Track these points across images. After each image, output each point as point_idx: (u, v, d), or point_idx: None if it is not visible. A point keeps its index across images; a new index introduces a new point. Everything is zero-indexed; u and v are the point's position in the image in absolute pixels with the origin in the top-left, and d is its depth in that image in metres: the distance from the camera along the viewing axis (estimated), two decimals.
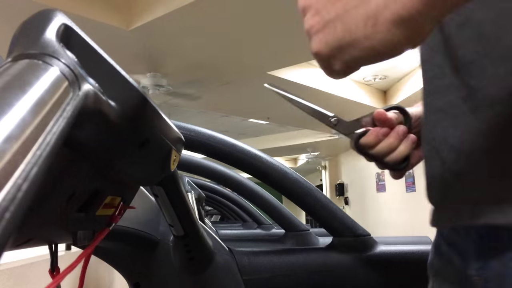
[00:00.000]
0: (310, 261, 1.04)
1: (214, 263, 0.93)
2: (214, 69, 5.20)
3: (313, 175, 13.25)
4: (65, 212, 0.37)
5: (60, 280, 0.34)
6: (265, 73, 5.42)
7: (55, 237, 0.42)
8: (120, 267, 0.99)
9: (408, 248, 1.04)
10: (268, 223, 2.97)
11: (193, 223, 0.77)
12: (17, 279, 1.08)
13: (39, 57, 0.25)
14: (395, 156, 0.65)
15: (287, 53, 4.92)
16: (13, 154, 0.18)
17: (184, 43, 4.55)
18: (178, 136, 0.45)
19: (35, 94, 0.22)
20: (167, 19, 3.94)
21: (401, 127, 0.66)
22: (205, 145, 1.01)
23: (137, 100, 0.33)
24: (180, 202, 0.67)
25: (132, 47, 4.55)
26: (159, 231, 0.94)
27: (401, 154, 0.65)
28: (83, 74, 0.27)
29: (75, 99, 0.25)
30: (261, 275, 1.01)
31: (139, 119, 0.34)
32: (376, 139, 0.65)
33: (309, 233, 2.00)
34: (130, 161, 0.39)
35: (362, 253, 1.03)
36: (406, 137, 0.66)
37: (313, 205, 1.06)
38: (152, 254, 0.93)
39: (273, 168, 1.05)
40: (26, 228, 0.33)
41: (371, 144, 0.66)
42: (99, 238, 0.44)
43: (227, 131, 8.64)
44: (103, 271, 1.78)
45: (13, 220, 0.17)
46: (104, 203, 0.43)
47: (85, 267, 0.49)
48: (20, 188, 0.18)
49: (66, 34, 0.28)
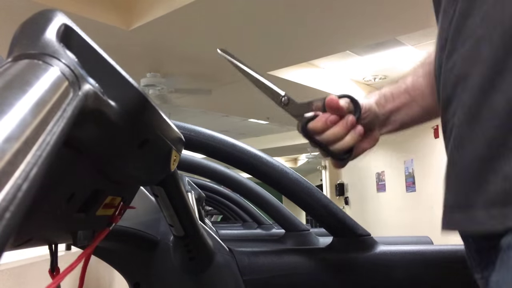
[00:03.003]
0: (310, 261, 1.04)
1: (214, 263, 0.94)
2: (214, 69, 5.20)
3: (313, 175, 13.24)
4: (65, 212, 0.37)
5: (60, 280, 0.34)
6: (265, 73, 5.42)
7: (55, 237, 0.42)
8: (120, 267, 0.99)
9: (408, 248, 1.04)
10: (268, 223, 2.97)
11: (193, 223, 0.77)
12: (17, 279, 1.08)
13: (39, 57, 0.25)
14: (340, 146, 0.65)
15: (287, 53, 4.92)
16: (13, 154, 0.18)
17: (184, 43, 4.55)
18: (178, 136, 0.45)
19: (35, 94, 0.22)
20: (167, 19, 3.94)
21: (350, 117, 0.65)
22: (205, 145, 1.00)
23: (137, 100, 0.33)
24: (180, 202, 0.67)
25: (132, 47, 4.55)
26: (159, 231, 0.94)
27: (346, 144, 0.65)
28: (83, 74, 0.27)
29: (75, 99, 0.25)
30: (261, 275, 1.01)
31: (139, 119, 0.34)
32: (324, 125, 0.65)
33: (309, 233, 1.99)
34: (130, 161, 0.39)
35: (362, 253, 1.03)
36: (354, 128, 0.65)
37: (313, 205, 1.06)
38: (152, 254, 0.93)
39: (273, 168, 1.05)
40: (26, 228, 0.33)
41: (318, 130, 0.65)
42: (99, 238, 0.44)
43: (227, 131, 8.64)
44: (103, 271, 1.78)
45: (13, 220, 0.17)
46: (104, 203, 0.43)
47: (85, 267, 0.49)
48: (20, 188, 0.18)
49: (66, 34, 0.28)
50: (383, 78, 6.74)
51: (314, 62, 5.95)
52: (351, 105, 0.67)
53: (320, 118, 0.65)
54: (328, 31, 4.35)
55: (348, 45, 5.06)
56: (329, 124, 0.64)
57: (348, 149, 0.66)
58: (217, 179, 1.98)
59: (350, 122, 0.64)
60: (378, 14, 4.02)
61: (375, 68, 6.32)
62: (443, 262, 0.98)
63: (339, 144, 0.65)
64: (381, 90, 0.74)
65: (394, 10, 3.92)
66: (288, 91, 0.73)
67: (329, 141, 0.65)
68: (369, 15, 4.03)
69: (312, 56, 5.34)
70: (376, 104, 0.71)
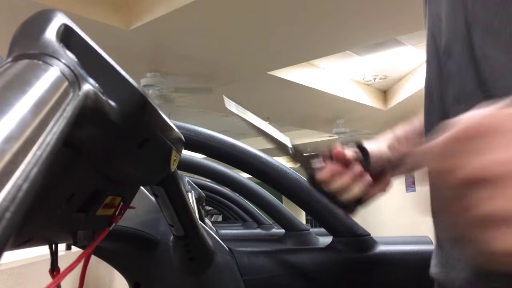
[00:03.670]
0: (310, 261, 1.04)
1: (214, 263, 0.93)
2: (214, 69, 5.20)
3: None
4: (65, 212, 0.37)
5: (60, 280, 0.34)
6: (265, 73, 5.42)
7: (55, 237, 0.42)
8: (120, 267, 0.99)
9: (408, 248, 1.04)
10: (268, 223, 2.97)
11: (193, 223, 0.77)
12: (17, 279, 1.08)
13: (39, 57, 0.25)
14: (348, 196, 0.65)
15: (287, 53, 4.92)
16: (13, 154, 0.18)
17: (184, 43, 4.55)
18: (178, 136, 0.45)
19: (35, 94, 0.22)
20: (167, 19, 3.94)
21: (357, 167, 0.65)
22: (205, 145, 1.00)
23: (137, 100, 0.33)
24: (180, 202, 0.67)
25: (132, 47, 4.55)
26: (159, 231, 0.94)
27: (354, 195, 0.65)
28: (83, 74, 0.27)
29: (75, 99, 0.25)
30: (261, 275, 1.01)
31: (139, 119, 0.34)
32: (331, 176, 0.64)
33: (309, 233, 2.00)
34: (130, 161, 0.39)
35: (362, 253, 1.03)
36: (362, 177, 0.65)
37: (313, 205, 1.06)
38: (152, 254, 0.93)
39: (273, 168, 1.05)
40: (26, 228, 0.33)
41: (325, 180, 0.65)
42: (99, 238, 0.44)
43: (227, 131, 8.62)
44: (103, 271, 1.78)
45: (13, 220, 0.17)
46: (104, 203, 0.43)
47: (85, 267, 0.49)
48: (20, 188, 0.18)
49: (66, 34, 0.28)
50: (383, 78, 6.74)
51: (314, 62, 5.95)
52: (360, 154, 0.67)
53: (327, 169, 0.64)
54: (328, 31, 4.35)
55: (348, 45, 5.06)
56: (335, 174, 0.64)
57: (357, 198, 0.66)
58: (217, 179, 1.98)
59: (358, 172, 0.64)
60: (378, 14, 4.02)
61: (375, 68, 6.32)
62: None
63: (346, 194, 0.65)
64: (395, 131, 0.72)
65: (394, 10, 3.92)
66: (288, 91, 0.73)
67: (337, 192, 0.65)
68: (369, 15, 4.03)
69: (312, 56, 5.34)
70: (389, 148, 0.70)
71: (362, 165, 0.66)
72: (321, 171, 0.65)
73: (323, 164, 0.66)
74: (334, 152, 0.65)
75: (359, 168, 0.65)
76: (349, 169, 0.64)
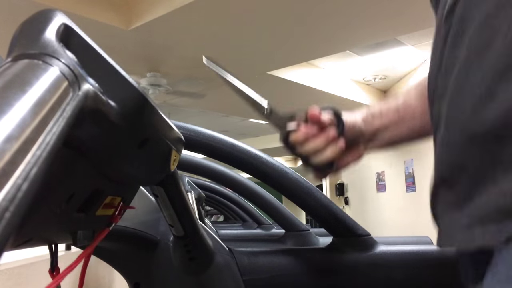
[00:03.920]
0: (310, 261, 1.04)
1: (214, 263, 0.93)
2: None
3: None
4: (65, 212, 0.37)
5: (60, 280, 0.34)
6: (265, 73, 5.42)
7: (55, 237, 0.42)
8: (120, 267, 0.99)
9: (408, 248, 1.04)
10: (268, 223, 2.97)
11: (193, 223, 0.77)
12: (17, 279, 1.08)
13: (39, 57, 0.25)
14: (320, 159, 0.66)
15: (287, 53, 4.92)
16: (13, 154, 0.18)
17: (184, 43, 4.55)
18: (178, 136, 0.45)
19: (35, 94, 0.22)
20: (167, 19, 3.94)
21: (331, 131, 0.66)
22: (205, 145, 1.00)
23: (137, 100, 0.33)
24: (180, 202, 0.67)
25: (132, 47, 4.55)
26: (159, 231, 0.94)
27: (326, 157, 0.65)
28: (83, 74, 0.27)
29: (75, 99, 0.25)
30: (261, 275, 1.01)
31: (139, 119, 0.34)
32: (305, 138, 0.65)
33: (309, 233, 1.99)
34: (130, 161, 0.39)
35: (362, 253, 1.03)
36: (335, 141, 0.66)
37: (313, 205, 1.06)
38: (152, 254, 0.93)
39: (273, 168, 1.05)
40: (26, 228, 0.33)
41: (299, 142, 0.66)
42: (99, 238, 0.44)
43: (227, 131, 8.64)
44: (103, 271, 1.78)
45: (13, 220, 0.17)
46: (104, 203, 0.43)
47: (85, 267, 0.49)
48: (20, 188, 0.18)
49: (66, 34, 0.28)
50: (383, 78, 6.74)
51: (314, 62, 5.95)
52: (335, 119, 0.68)
53: (302, 130, 0.66)
54: (328, 31, 4.35)
55: (348, 45, 5.06)
56: (310, 136, 0.65)
57: (329, 162, 0.66)
58: (217, 179, 1.98)
59: (331, 135, 0.65)
60: (378, 14, 4.02)
61: (375, 68, 6.31)
62: (443, 262, 0.98)
63: (319, 156, 0.66)
64: (370, 108, 0.74)
65: (394, 10, 3.92)
66: (288, 91, 0.73)
67: (310, 153, 0.66)
68: (369, 15, 4.03)
69: (312, 56, 5.34)
70: (363, 121, 0.71)
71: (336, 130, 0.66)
72: (295, 132, 0.66)
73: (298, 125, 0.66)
74: (310, 115, 0.66)
75: (333, 132, 0.66)
76: (324, 132, 0.65)
